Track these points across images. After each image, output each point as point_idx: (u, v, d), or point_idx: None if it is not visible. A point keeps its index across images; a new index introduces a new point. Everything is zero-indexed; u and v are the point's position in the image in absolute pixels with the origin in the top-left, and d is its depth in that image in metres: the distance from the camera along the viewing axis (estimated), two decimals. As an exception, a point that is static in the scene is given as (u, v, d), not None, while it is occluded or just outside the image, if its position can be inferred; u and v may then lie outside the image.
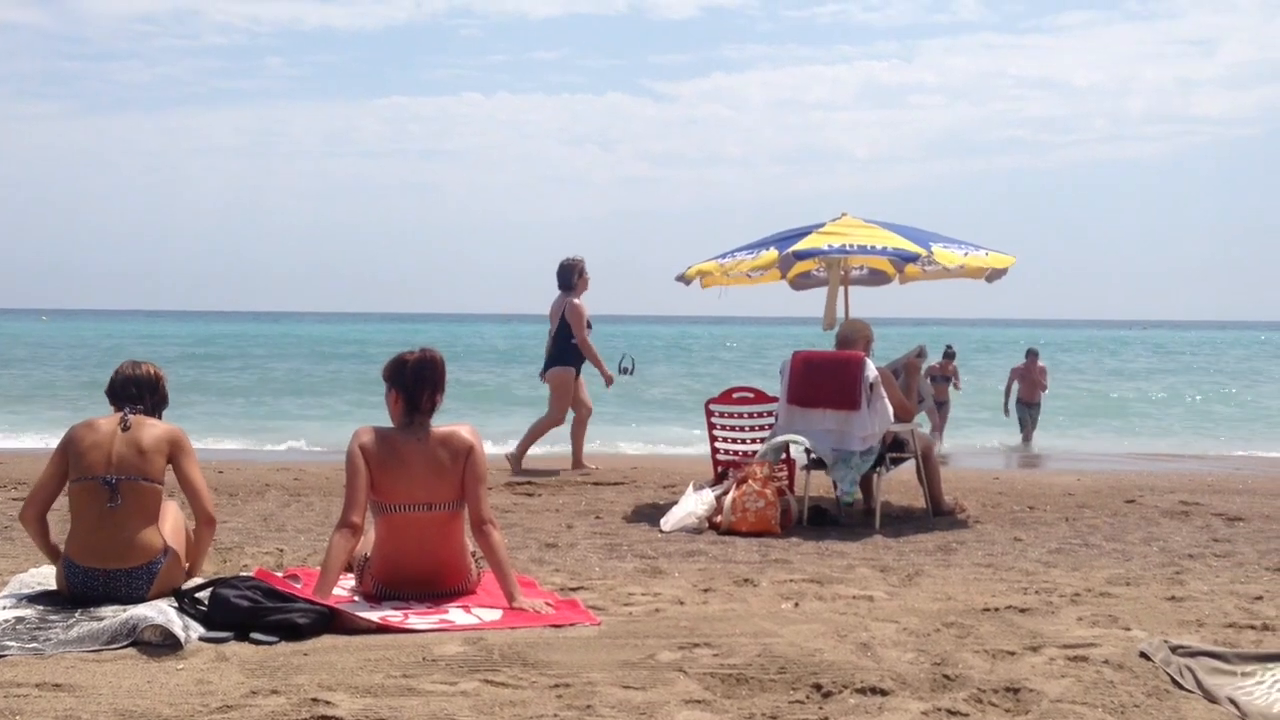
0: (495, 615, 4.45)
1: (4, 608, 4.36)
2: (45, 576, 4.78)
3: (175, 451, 4.66)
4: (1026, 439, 16.23)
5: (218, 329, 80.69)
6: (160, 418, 4.85)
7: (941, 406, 15.56)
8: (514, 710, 3.23)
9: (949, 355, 15.93)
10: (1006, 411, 16.34)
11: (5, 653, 3.75)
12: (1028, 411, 16.31)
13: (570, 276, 9.85)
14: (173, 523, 4.68)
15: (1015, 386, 16.28)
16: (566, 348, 9.91)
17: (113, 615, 4.08)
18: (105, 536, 4.45)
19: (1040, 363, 16.46)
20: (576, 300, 9.84)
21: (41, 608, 4.40)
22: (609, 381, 10.25)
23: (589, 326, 9.87)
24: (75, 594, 4.43)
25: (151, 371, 4.88)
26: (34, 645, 3.85)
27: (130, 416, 4.66)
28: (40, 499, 4.66)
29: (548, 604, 4.61)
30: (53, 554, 4.70)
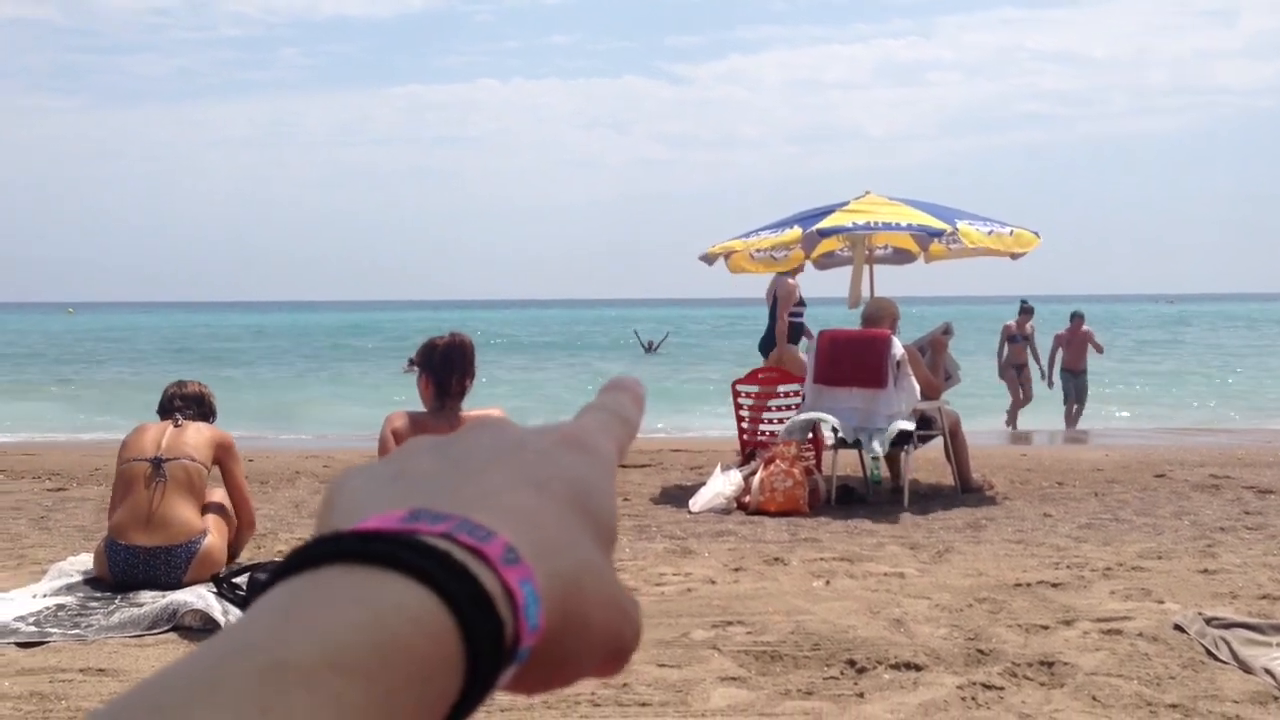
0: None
1: (45, 595, 4.43)
2: (84, 564, 4.85)
3: (223, 455, 4.86)
4: (1072, 416, 14.87)
5: (237, 319, 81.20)
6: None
7: (1020, 371, 14.50)
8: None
9: (1026, 311, 14.57)
10: (1050, 382, 15.21)
11: (48, 639, 3.81)
12: (1073, 380, 14.94)
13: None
14: (216, 508, 4.76)
15: (1060, 354, 14.87)
16: (789, 326, 9.97)
17: (152, 601, 4.14)
18: (148, 512, 4.55)
19: (1086, 326, 14.98)
20: (791, 280, 9.89)
21: (82, 595, 4.47)
22: (778, 360, 10.31)
23: (802, 304, 9.96)
24: (116, 574, 4.49)
25: (197, 388, 5.10)
26: (76, 632, 3.91)
27: (181, 419, 4.88)
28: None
29: (580, 585, 4.63)
30: None
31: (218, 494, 4.89)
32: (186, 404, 4.96)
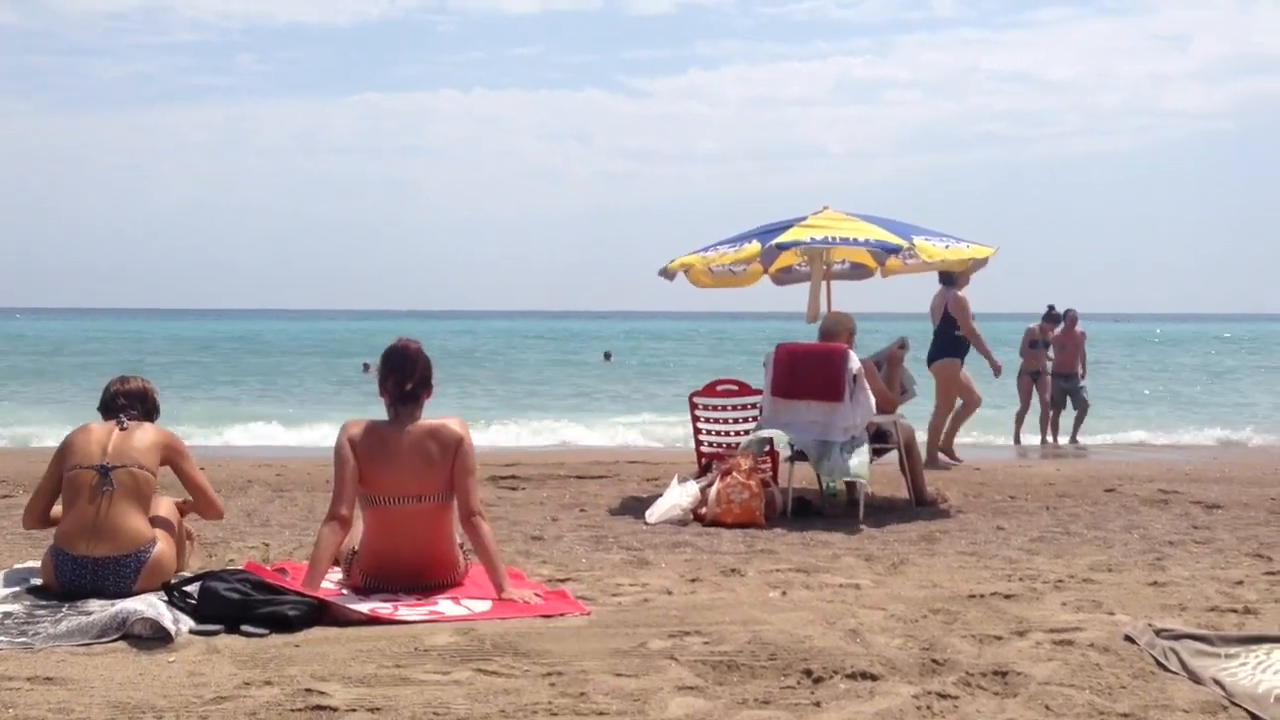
0: (485, 606, 4.46)
1: (-9, 603, 4.34)
2: (33, 571, 4.76)
3: (172, 455, 4.76)
4: (1052, 423, 13.89)
5: (190, 326, 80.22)
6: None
7: (1037, 378, 13.68)
8: (508, 699, 3.24)
9: (1052, 319, 13.74)
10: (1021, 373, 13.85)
11: (-6, 647, 3.74)
12: (1063, 385, 13.82)
13: (952, 272, 9.93)
14: (165, 515, 4.68)
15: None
16: (951, 340, 10.19)
17: (101, 609, 4.07)
18: (95, 521, 4.45)
19: (1079, 328, 13.93)
20: (960, 293, 10.02)
21: (29, 602, 4.39)
22: (997, 370, 10.47)
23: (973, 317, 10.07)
24: (63, 585, 4.41)
25: (140, 384, 4.97)
26: (23, 639, 3.84)
27: (126, 421, 4.75)
28: (40, 506, 4.76)
29: (537, 595, 4.62)
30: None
31: (164, 504, 4.80)
32: (130, 402, 4.85)
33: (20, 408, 19.32)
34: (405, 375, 4.76)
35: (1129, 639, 3.94)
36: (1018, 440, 14.07)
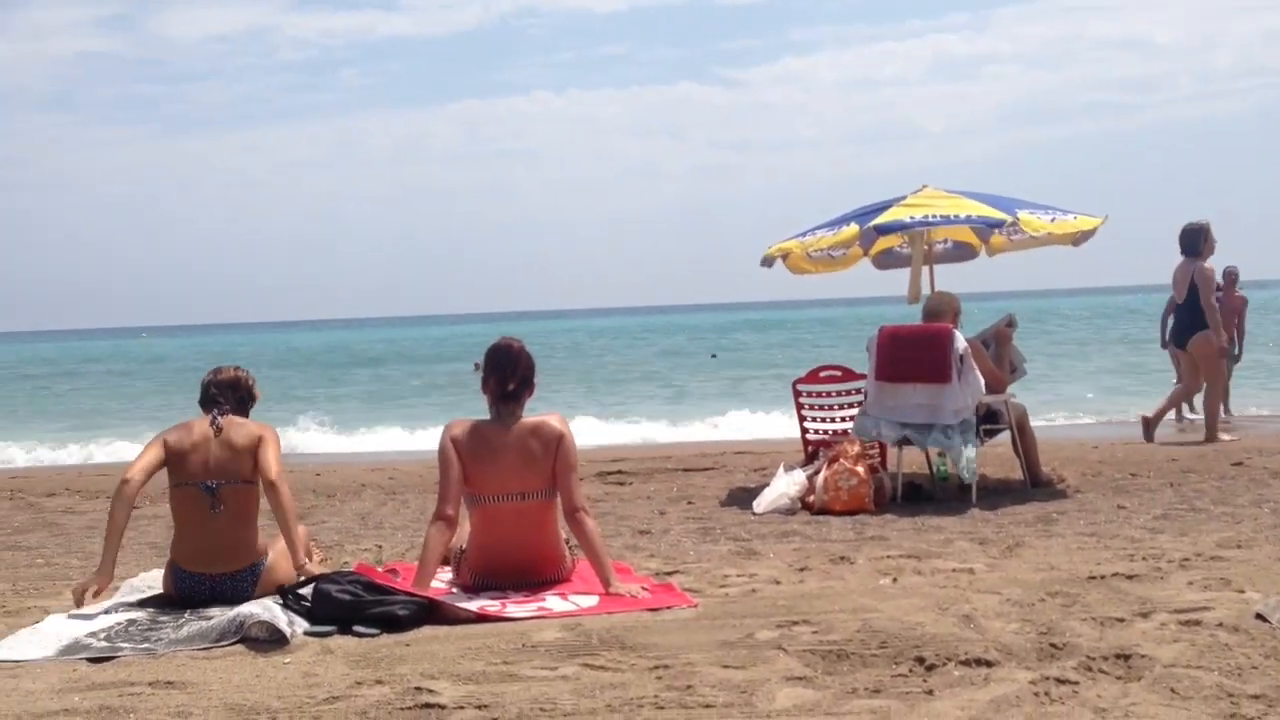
0: (592, 601, 4.46)
1: (116, 610, 4.50)
2: (155, 580, 4.91)
3: (261, 445, 4.69)
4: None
5: (304, 337, 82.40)
6: (248, 415, 4.92)
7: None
8: (615, 693, 3.23)
9: (1232, 278, 12.53)
10: (1164, 343, 12.66)
11: (119, 654, 3.86)
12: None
13: (1197, 241, 9.86)
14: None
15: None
16: (1202, 313, 9.92)
17: (220, 614, 4.18)
18: (210, 543, 4.56)
19: (1240, 290, 12.72)
20: (1206, 264, 9.87)
21: (153, 609, 4.54)
22: (1224, 350, 10.17)
23: (1219, 290, 10.03)
24: (182, 597, 4.55)
25: (232, 373, 4.95)
26: (146, 645, 3.96)
27: (220, 419, 4.74)
28: (138, 477, 4.58)
29: (644, 588, 4.61)
30: (115, 543, 4.58)
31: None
32: (221, 391, 4.85)
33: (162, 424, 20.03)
34: (507, 374, 4.80)
35: (1260, 617, 3.76)
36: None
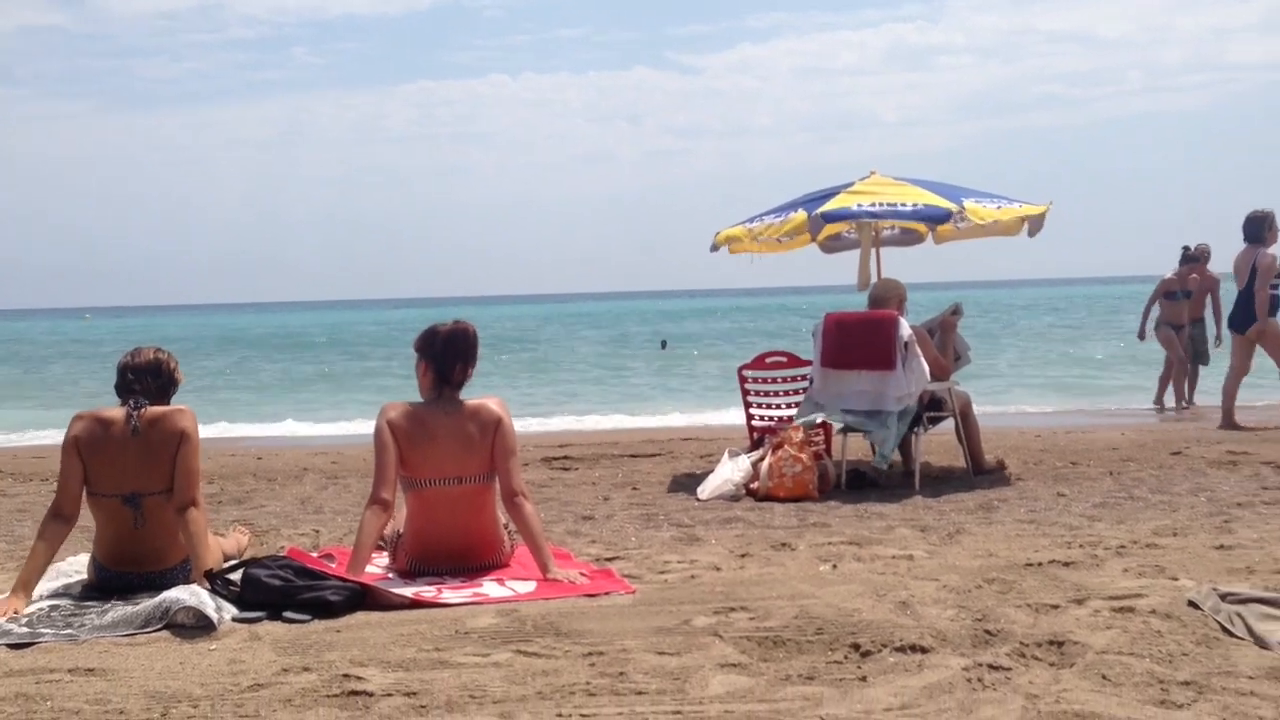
0: (529, 587, 4.42)
1: (42, 596, 4.38)
2: (84, 564, 4.79)
3: (181, 451, 4.37)
4: (1184, 382, 12.53)
5: (249, 319, 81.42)
6: (169, 401, 4.61)
7: (1179, 332, 12.32)
8: (546, 680, 3.18)
9: (1190, 258, 12.30)
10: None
11: (40, 639, 3.76)
12: (1191, 333, 12.44)
13: (1260, 229, 9.87)
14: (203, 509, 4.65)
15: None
16: (1267, 299, 9.96)
17: (147, 600, 4.08)
18: (135, 549, 4.41)
19: (1211, 269, 12.43)
20: (1270, 251, 9.90)
21: (78, 595, 4.43)
22: (1259, 334, 10.09)
23: None
24: (108, 590, 4.42)
25: (151, 355, 4.61)
26: (69, 632, 3.85)
27: (136, 414, 4.39)
28: (68, 505, 4.39)
29: (582, 574, 4.56)
30: (38, 570, 4.32)
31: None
32: (140, 377, 4.51)
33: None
34: (468, 360, 4.73)
35: (1193, 604, 3.79)
36: (1160, 402, 12.96)
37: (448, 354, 4.70)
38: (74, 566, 4.86)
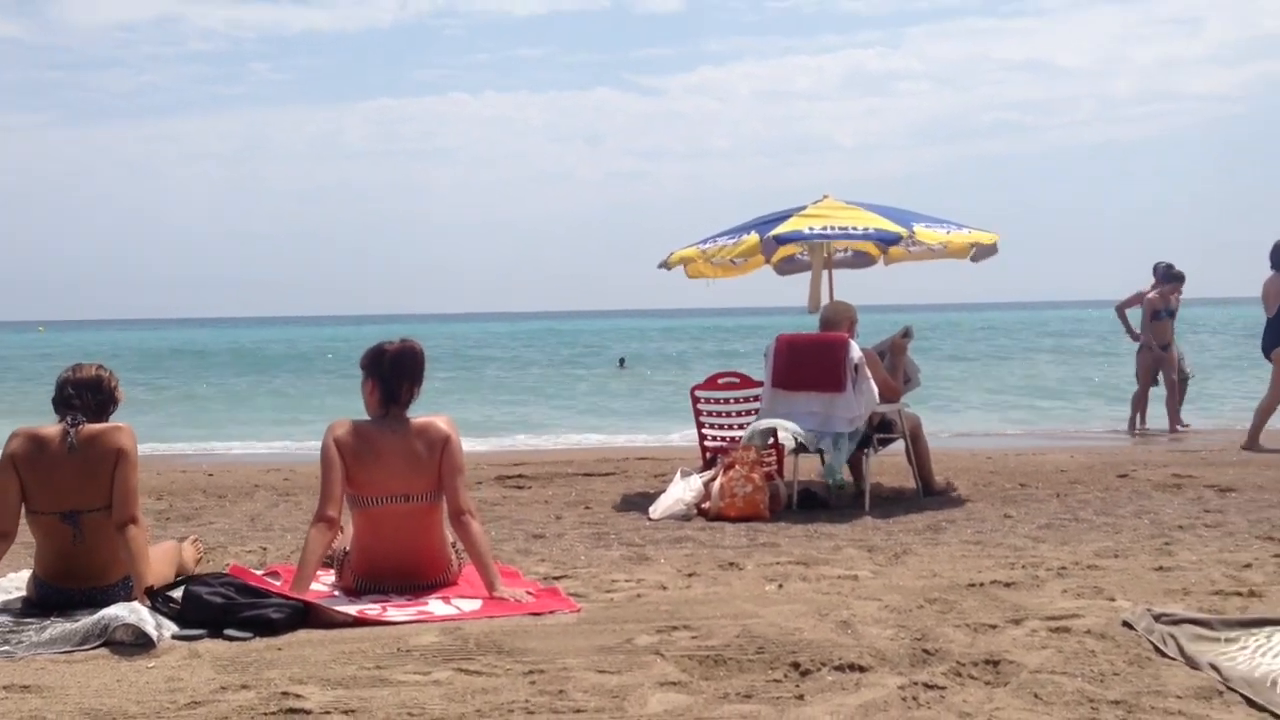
0: (475, 605, 4.42)
1: (-21, 613, 4.32)
2: (22, 581, 4.73)
3: (119, 468, 4.34)
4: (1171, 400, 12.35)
5: (207, 335, 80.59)
6: (108, 418, 4.56)
7: (1166, 350, 12.19)
8: (485, 698, 3.19)
9: (1175, 276, 12.13)
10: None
11: (-25, 656, 3.71)
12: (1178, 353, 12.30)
13: None
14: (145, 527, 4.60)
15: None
16: None
17: (86, 616, 4.04)
18: (75, 564, 4.36)
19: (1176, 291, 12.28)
20: None
21: (17, 612, 4.37)
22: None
23: None
24: (48, 606, 4.37)
25: (93, 372, 4.57)
26: (5, 649, 3.81)
27: (73, 431, 4.35)
28: (6, 522, 4.37)
29: (528, 592, 4.57)
30: None
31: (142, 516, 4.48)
32: (79, 393, 4.47)
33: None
34: (415, 379, 4.73)
35: (1127, 625, 3.86)
36: (1134, 427, 12.86)
37: (395, 373, 4.70)
38: (14, 583, 4.80)
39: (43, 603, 4.40)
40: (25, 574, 4.82)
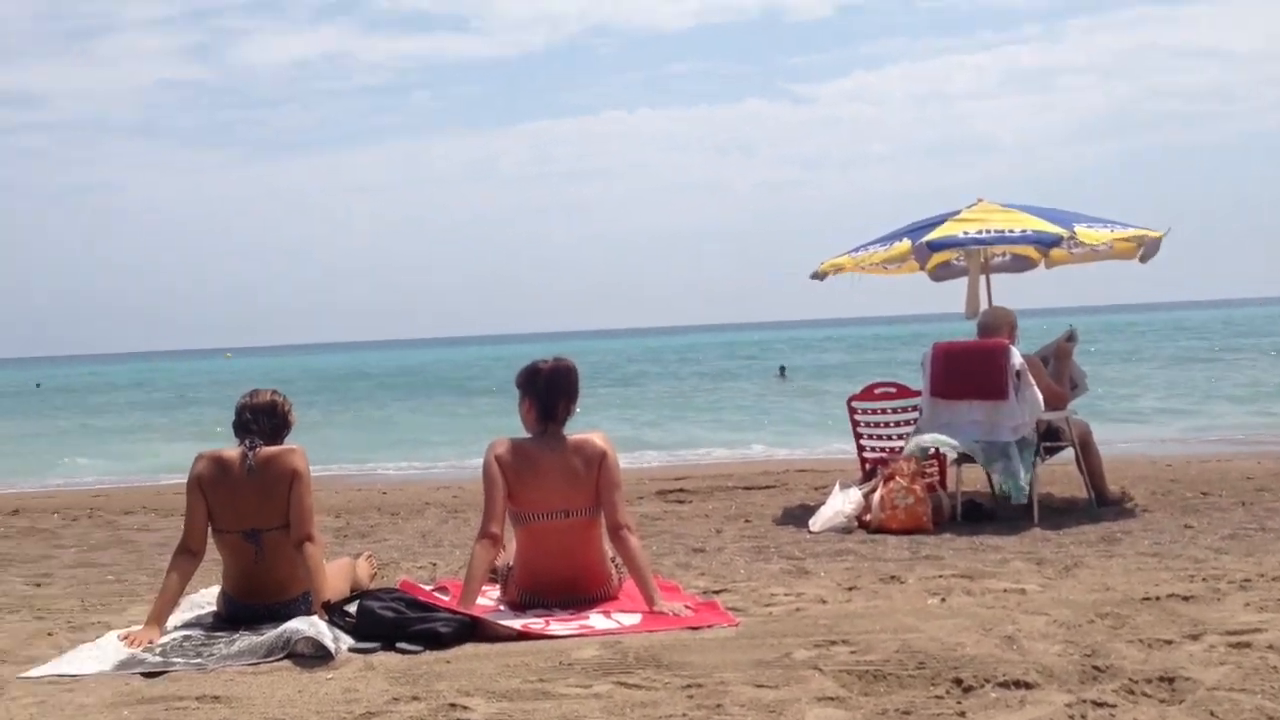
0: (634, 619, 4.48)
1: (175, 627, 4.61)
2: (212, 597, 5.02)
3: (294, 489, 4.58)
4: None
5: (378, 357, 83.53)
6: (283, 441, 4.80)
7: None
8: (644, 711, 3.24)
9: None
10: None
11: (171, 668, 3.96)
12: None
13: None
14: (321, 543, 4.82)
15: None
16: None
17: (271, 630, 4.26)
18: (259, 582, 4.62)
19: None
20: None
21: (209, 625, 4.65)
22: None
23: None
24: (236, 621, 4.63)
25: (268, 398, 4.83)
26: (198, 661, 4.05)
27: (251, 454, 4.61)
28: (194, 541, 4.64)
29: (687, 607, 4.61)
30: (168, 605, 4.58)
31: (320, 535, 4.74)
32: (256, 417, 4.74)
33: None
34: (571, 396, 4.84)
35: (1315, 640, 3.65)
36: None
37: (550, 391, 4.82)
38: (205, 598, 5.10)
39: (230, 617, 4.67)
40: (215, 590, 5.12)
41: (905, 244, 7.54)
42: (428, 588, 5.15)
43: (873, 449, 8.17)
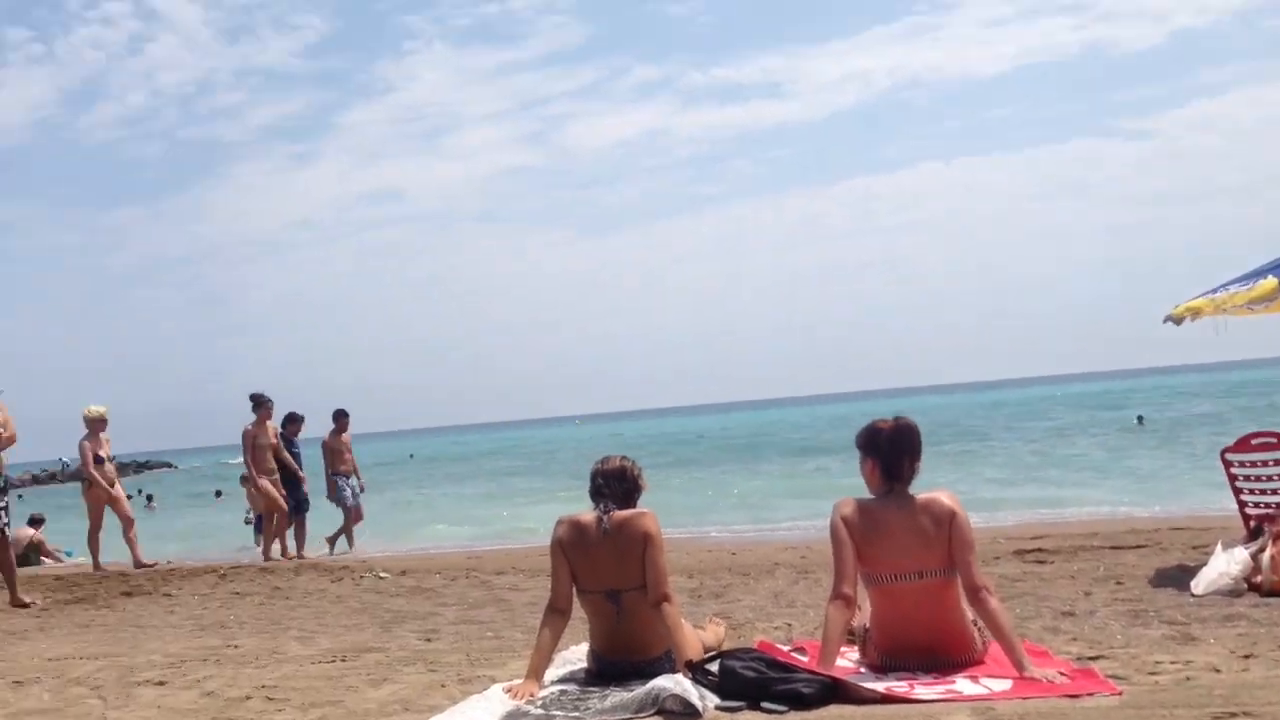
0: (1005, 685, 4.30)
1: (551, 681, 4.90)
2: (584, 654, 5.28)
3: (647, 551, 4.75)
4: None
5: (718, 420, 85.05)
6: (635, 504, 4.97)
7: None
8: (1026, 781, 3.10)
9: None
10: None
11: (552, 720, 4.20)
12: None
13: None
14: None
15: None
16: None
17: (639, 686, 4.43)
18: (622, 641, 4.84)
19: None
20: None
21: (583, 680, 4.90)
22: None
23: None
24: (605, 676, 4.85)
25: (618, 464, 5.04)
26: (576, 714, 4.27)
27: (606, 518, 4.81)
28: (561, 600, 4.90)
29: (1061, 673, 4.37)
30: (544, 660, 4.86)
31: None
32: (608, 482, 4.95)
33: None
34: (915, 454, 4.78)
35: None
36: None
37: (893, 450, 4.76)
38: (576, 654, 5.38)
39: (600, 673, 4.90)
40: (584, 647, 5.38)
41: (1272, 281, 6.87)
42: (785, 648, 5.17)
43: (1255, 504, 7.46)
